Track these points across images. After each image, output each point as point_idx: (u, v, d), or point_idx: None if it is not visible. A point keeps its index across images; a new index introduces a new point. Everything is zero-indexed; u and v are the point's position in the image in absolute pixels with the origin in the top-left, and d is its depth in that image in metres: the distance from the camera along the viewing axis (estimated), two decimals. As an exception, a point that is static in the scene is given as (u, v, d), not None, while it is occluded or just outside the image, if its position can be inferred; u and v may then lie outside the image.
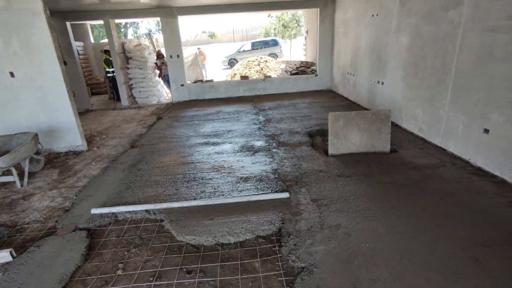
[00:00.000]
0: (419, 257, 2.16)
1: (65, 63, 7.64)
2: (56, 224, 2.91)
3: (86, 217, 2.95)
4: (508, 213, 2.61)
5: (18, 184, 3.74)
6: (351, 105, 6.83)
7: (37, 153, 4.21)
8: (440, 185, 3.13)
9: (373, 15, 5.70)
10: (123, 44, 8.47)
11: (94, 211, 2.99)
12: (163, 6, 7.52)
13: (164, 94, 9.79)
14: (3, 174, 3.88)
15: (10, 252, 2.42)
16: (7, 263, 2.40)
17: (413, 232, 2.43)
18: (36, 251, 2.50)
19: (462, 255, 2.16)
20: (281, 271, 2.16)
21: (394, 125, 5.16)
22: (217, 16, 8.71)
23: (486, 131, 3.30)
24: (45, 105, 4.67)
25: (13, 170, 3.69)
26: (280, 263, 2.24)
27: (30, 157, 4.01)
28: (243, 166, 3.91)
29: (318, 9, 8.08)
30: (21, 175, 3.90)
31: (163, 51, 9.03)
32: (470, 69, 3.47)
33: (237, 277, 2.14)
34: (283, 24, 18.72)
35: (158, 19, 8.03)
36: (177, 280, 2.14)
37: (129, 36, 22.77)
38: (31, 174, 4.11)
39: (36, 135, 4.03)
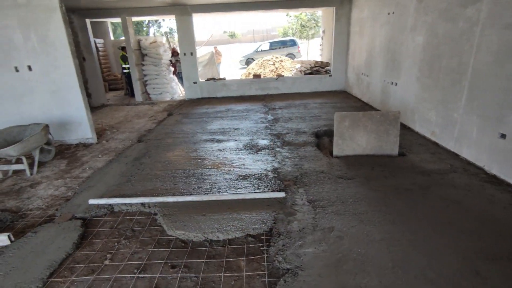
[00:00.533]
0: (414, 267, 2.02)
1: (84, 59, 7.94)
2: (56, 212, 2.99)
3: (84, 207, 3.01)
4: (520, 225, 2.40)
5: (27, 172, 3.89)
6: (363, 107, 6.62)
7: (48, 143, 4.37)
8: (447, 191, 2.94)
9: (389, 13, 5.49)
10: (139, 41, 8.67)
11: (92, 201, 3.05)
12: (178, 4, 7.62)
13: (179, 91, 9.93)
14: (16, 162, 4.05)
15: (9, 236, 2.51)
16: (5, 246, 2.48)
17: (410, 240, 2.28)
18: (32, 237, 2.57)
19: (462, 267, 2.00)
20: (266, 272, 2.09)
21: (406, 128, 4.93)
22: (232, 15, 8.73)
23: (503, 136, 3.07)
24: (58, 98, 4.84)
25: (23, 159, 3.84)
26: (266, 263, 2.17)
27: (41, 147, 4.16)
28: (243, 164, 3.87)
29: (334, 7, 7.89)
30: (32, 164, 4.05)
31: (178, 49, 9.16)
32: (487, 69, 3.24)
33: (221, 274, 2.10)
34: (301, 24, 18.51)
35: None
36: (160, 274, 2.12)
37: (151, 35, 23.39)
38: (42, 164, 4.27)
39: (47, 126, 4.18)
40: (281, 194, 3.01)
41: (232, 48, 31.32)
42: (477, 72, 3.39)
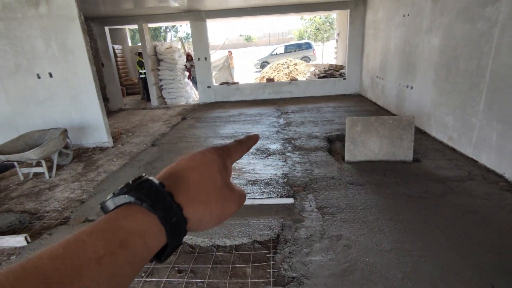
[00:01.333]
0: (425, 279, 1.95)
1: (102, 64, 8.23)
2: (71, 214, 3.10)
3: (97, 210, 3.10)
4: (543, 238, 2.26)
5: (46, 175, 4.06)
6: (378, 111, 6.48)
7: (66, 147, 4.54)
8: (463, 200, 2.82)
9: (404, 15, 5.36)
10: (155, 47, 8.89)
11: (105, 204, 3.13)
12: (192, 10, 7.77)
13: (193, 95, 10.09)
14: (36, 165, 4.24)
15: (25, 238, 2.62)
16: (22, 247, 2.59)
17: (422, 250, 2.20)
18: (47, 238, 2.68)
19: (477, 281, 1.91)
20: (271, 279, 2.07)
21: (422, 133, 4.78)
22: (246, 19, 8.80)
23: (524, 142, 2.91)
24: (77, 103, 5.04)
25: (43, 162, 4.02)
26: (271, 270, 2.16)
27: (59, 151, 4.34)
28: (253, 169, 3.87)
29: (349, 10, 7.80)
30: (51, 167, 4.22)
31: (192, 54, 9.32)
32: (507, 72, 3.10)
33: (226, 281, 2.10)
34: (315, 27, 18.40)
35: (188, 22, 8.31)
36: (166, 278, 2.15)
37: (168, 40, 23.97)
38: (60, 167, 4.45)
39: (65, 130, 4.35)
40: (290, 200, 2.99)
41: (248, 51, 31.55)
42: (496, 75, 3.25)
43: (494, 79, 3.28)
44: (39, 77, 4.87)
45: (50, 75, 4.90)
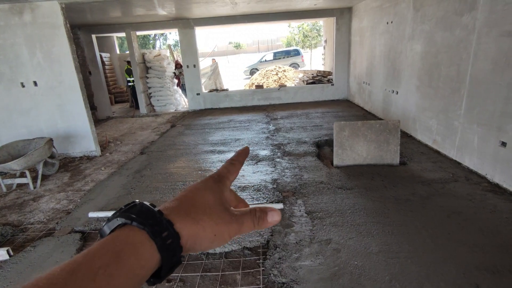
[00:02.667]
0: (412, 280, 1.98)
1: (89, 73, 8.14)
2: (56, 225, 3.02)
3: (84, 220, 3.04)
4: (523, 236, 2.34)
5: (31, 186, 3.95)
6: (366, 115, 6.60)
7: (52, 157, 4.45)
8: (448, 202, 2.89)
9: (388, 23, 5.52)
10: (143, 55, 8.86)
11: (92, 214, 3.08)
12: (180, 18, 7.80)
13: (183, 102, 10.05)
14: (20, 176, 4.13)
15: (8, 251, 2.54)
16: (4, 261, 2.51)
17: (409, 252, 2.24)
18: (31, 251, 2.60)
19: (462, 280, 1.95)
20: (261, 286, 2.07)
21: (408, 136, 4.89)
22: (234, 27, 8.88)
23: (504, 144, 3.02)
24: (63, 112, 4.95)
25: (27, 172, 3.92)
26: (261, 276, 2.15)
27: (45, 160, 4.24)
28: (243, 175, 3.87)
29: (335, 18, 7.98)
30: (36, 177, 4.12)
31: (181, 61, 9.32)
32: (485, 77, 3.22)
33: (215, 289, 2.08)
34: (303, 34, 18.71)
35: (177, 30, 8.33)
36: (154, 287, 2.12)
37: (157, 47, 23.90)
38: (46, 177, 4.35)
39: (51, 140, 4.27)
40: (279, 206, 3.00)
41: (238, 58, 31.74)
42: (475, 80, 3.37)
43: (473, 84, 3.41)
44: (23, 86, 4.78)
45: (35, 83, 4.81)
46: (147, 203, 0.33)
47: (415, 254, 2.21)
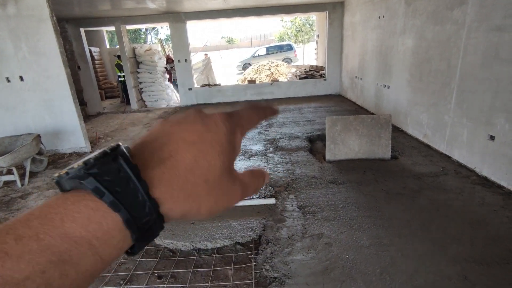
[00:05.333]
0: (402, 273, 2.00)
1: (78, 67, 7.97)
2: (45, 223, 2.97)
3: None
4: (511, 228, 2.38)
5: (18, 183, 3.87)
6: (358, 110, 6.63)
7: (40, 153, 4.35)
8: (438, 195, 2.93)
9: (379, 17, 5.52)
10: (134, 49, 8.70)
11: (81, 211, 3.03)
12: (171, 12, 7.67)
13: (174, 98, 9.94)
14: (6, 173, 4.03)
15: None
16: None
17: (399, 245, 2.26)
18: (19, 250, 2.54)
19: (450, 272, 1.98)
20: (253, 281, 2.07)
21: (400, 131, 4.93)
22: (226, 21, 8.79)
23: (492, 138, 3.07)
24: (51, 108, 4.84)
25: (14, 169, 3.83)
26: (253, 271, 2.15)
27: (32, 157, 4.15)
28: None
29: (327, 12, 7.95)
30: (23, 174, 4.03)
31: (172, 56, 9.19)
32: (475, 71, 3.25)
33: (207, 284, 2.08)
34: (296, 29, 18.64)
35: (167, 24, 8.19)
36: (146, 284, 2.10)
37: (148, 42, 23.55)
38: (34, 174, 4.25)
39: (38, 136, 4.17)
40: (271, 201, 3.00)
41: (230, 53, 31.51)
42: (465, 75, 3.40)
43: (463, 79, 3.44)
44: (8, 81, 4.64)
45: (21, 78, 4.68)
46: (128, 162, 0.23)
47: (405, 247, 2.24)
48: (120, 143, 0.24)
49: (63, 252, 0.20)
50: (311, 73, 9.26)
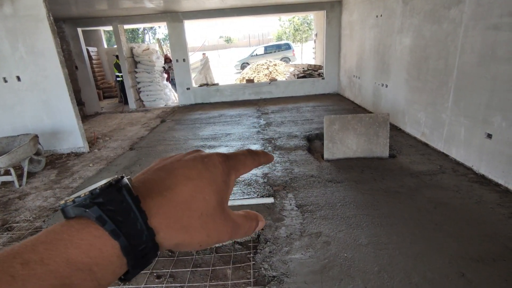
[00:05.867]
0: (400, 271, 2.01)
1: (76, 67, 7.95)
2: (43, 224, 2.96)
3: (71, 218, 2.98)
4: (508, 226, 2.40)
5: (16, 183, 3.86)
6: (356, 109, 6.64)
7: (37, 154, 4.34)
8: (435, 193, 2.94)
9: (377, 16, 5.53)
10: (131, 49, 8.68)
11: (79, 212, 3.02)
12: (169, 11, 7.65)
13: (173, 97, 9.93)
14: (4, 174, 4.02)
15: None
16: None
17: (397, 243, 2.28)
18: (17, 250, 2.54)
19: (448, 270, 1.99)
20: (252, 280, 2.07)
21: (397, 130, 4.95)
22: (224, 20, 8.77)
23: (489, 136, 3.08)
24: (48, 108, 4.82)
25: (12, 170, 3.82)
26: (252, 271, 2.16)
27: (30, 157, 4.14)
28: (234, 170, 3.85)
29: (325, 11, 7.95)
30: (21, 175, 4.02)
31: (170, 55, 9.17)
32: (472, 70, 3.27)
33: (206, 284, 2.08)
34: (294, 28, 18.64)
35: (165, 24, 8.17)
36: (145, 284, 2.10)
37: (146, 41, 23.49)
38: (32, 174, 4.24)
39: (36, 136, 4.16)
40: (270, 200, 3.00)
41: (229, 52, 31.46)
42: (462, 74, 3.42)
43: (460, 77, 3.45)
44: (6, 81, 4.62)
45: (18, 78, 4.66)
46: (130, 193, 0.25)
47: (403, 245, 2.25)
48: (124, 175, 0.26)
49: (65, 277, 0.21)
50: (309, 72, 9.27)
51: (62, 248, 0.21)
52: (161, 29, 25.74)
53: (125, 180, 0.26)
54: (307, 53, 19.93)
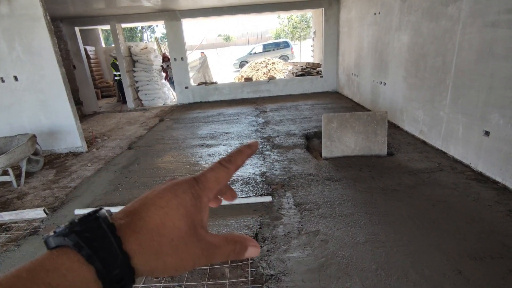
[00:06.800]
0: (397, 269, 2.02)
1: (74, 67, 7.92)
2: (41, 223, 2.96)
3: (69, 218, 2.98)
4: (505, 223, 2.40)
5: (14, 183, 3.85)
6: (355, 107, 6.64)
7: (36, 154, 4.33)
8: (433, 191, 2.95)
9: (375, 14, 5.52)
10: (129, 48, 8.66)
11: (78, 211, 3.02)
12: (166, 10, 7.63)
13: (171, 96, 9.91)
14: (2, 174, 4.01)
15: (-9, 251, 2.48)
16: (-13, 261, 2.45)
17: (394, 241, 2.28)
18: (15, 250, 2.54)
19: (445, 267, 2.00)
20: (249, 278, 2.08)
21: (396, 127, 4.95)
22: (222, 18, 8.75)
23: (487, 133, 3.08)
24: (46, 107, 4.81)
25: (10, 170, 3.81)
26: (250, 269, 2.16)
27: (28, 157, 4.13)
28: (232, 169, 3.85)
29: (323, 9, 7.93)
30: (19, 175, 4.01)
31: (168, 54, 9.14)
32: (469, 67, 3.26)
33: (204, 283, 2.08)
34: (293, 26, 18.59)
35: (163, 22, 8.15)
36: (143, 284, 2.11)
37: (145, 40, 23.40)
38: (30, 174, 4.24)
39: (34, 136, 4.15)
40: (268, 199, 3.00)
41: (227, 51, 31.38)
42: (460, 71, 3.41)
43: (458, 75, 3.45)
44: (3, 81, 4.61)
45: (16, 78, 4.64)
46: (107, 221, 0.27)
47: (400, 243, 2.25)
48: (102, 207, 0.29)
49: None
50: (308, 70, 9.26)
51: (43, 274, 0.24)
52: (159, 27, 25.66)
53: (103, 210, 0.28)
54: (305, 51, 19.90)
